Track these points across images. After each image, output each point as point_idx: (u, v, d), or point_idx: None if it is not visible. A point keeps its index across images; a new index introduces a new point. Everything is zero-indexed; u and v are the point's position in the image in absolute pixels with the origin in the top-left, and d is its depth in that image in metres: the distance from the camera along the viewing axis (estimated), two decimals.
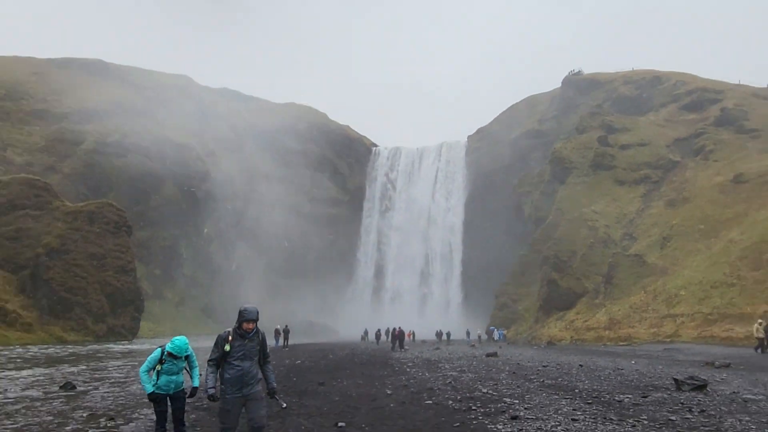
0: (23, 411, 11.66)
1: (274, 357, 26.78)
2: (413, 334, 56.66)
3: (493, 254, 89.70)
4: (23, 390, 15.24)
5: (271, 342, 45.40)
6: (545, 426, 8.56)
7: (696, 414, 9.44)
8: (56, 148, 78.89)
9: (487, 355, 27.49)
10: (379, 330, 52.71)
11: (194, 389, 7.14)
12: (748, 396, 11.71)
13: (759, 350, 25.23)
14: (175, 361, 7.01)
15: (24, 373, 20.13)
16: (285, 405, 7.33)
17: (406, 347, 39.47)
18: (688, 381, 13.00)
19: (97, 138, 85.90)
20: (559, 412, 9.87)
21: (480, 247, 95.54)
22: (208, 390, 5.95)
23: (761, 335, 25.28)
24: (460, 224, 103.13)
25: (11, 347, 36.50)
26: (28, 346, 38.44)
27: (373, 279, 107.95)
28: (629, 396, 11.89)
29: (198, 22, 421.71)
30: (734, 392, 12.32)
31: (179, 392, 6.79)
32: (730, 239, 47.04)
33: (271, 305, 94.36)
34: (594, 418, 9.13)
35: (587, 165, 74.05)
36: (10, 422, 10.27)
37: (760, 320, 26.53)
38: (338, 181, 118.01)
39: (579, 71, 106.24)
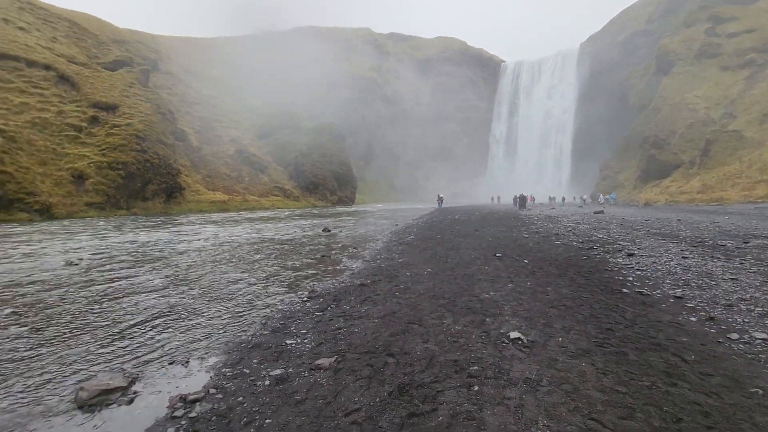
0: (308, 242, 13.66)
1: (440, 215, 27.47)
2: (533, 198, 53.69)
3: (597, 137, 78.27)
4: (304, 231, 17.76)
5: (435, 205, 46.41)
6: (659, 261, 7.62)
7: None
8: (296, 85, 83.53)
9: (595, 213, 25.11)
10: (517, 195, 47.22)
11: None
12: None
13: None
14: None
15: (301, 222, 23.52)
16: None
17: (528, 208, 37.76)
18: None
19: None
20: (669, 252, 8.67)
21: (585, 133, 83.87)
22: None
23: None
24: (572, 116, 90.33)
25: (291, 209, 42.84)
26: (298, 209, 44.83)
27: (504, 159, 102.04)
28: (731, 242, 9.88)
29: None
30: None
31: None
32: None
33: (431, 181, 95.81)
34: (702, 257, 7.86)
35: (692, 56, 57.73)
36: (305, 247, 12.16)
37: None
38: (476, 91, 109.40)
39: None
